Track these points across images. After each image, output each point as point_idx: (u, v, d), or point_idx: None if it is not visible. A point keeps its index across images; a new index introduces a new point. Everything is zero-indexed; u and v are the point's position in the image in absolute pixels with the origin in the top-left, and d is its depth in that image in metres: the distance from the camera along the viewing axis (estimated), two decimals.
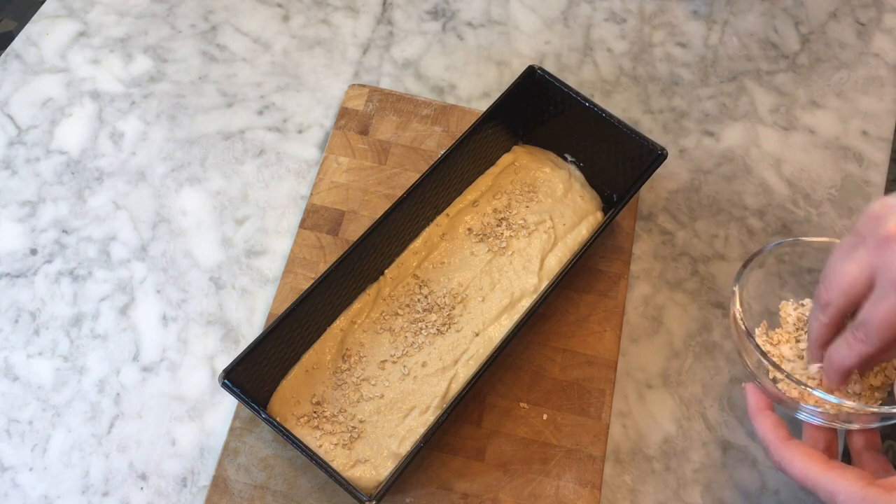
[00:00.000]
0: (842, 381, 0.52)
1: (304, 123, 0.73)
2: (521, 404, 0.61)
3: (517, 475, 0.58)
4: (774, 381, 0.53)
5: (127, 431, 0.60)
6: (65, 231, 0.68)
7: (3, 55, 0.76)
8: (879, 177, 0.72)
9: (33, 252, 0.67)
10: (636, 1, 0.81)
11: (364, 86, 0.74)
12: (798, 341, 0.57)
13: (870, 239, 0.48)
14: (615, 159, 0.65)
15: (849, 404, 0.51)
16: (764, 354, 0.53)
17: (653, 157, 0.63)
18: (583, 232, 0.65)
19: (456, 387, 0.59)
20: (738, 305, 0.55)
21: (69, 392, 0.61)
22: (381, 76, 0.76)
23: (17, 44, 0.77)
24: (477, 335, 0.61)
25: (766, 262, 0.58)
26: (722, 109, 0.75)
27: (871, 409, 0.51)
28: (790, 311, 0.59)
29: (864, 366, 0.51)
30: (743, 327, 0.55)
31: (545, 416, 0.60)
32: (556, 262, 0.64)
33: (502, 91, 0.66)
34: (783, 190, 0.72)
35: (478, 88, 0.76)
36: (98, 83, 0.75)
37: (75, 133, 0.72)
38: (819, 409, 0.52)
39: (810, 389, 0.51)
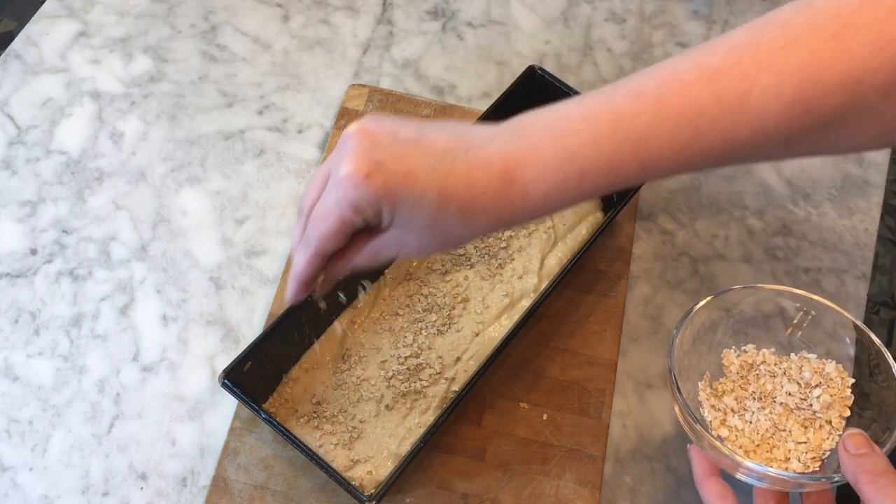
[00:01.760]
0: (300, 293, 0.47)
1: (304, 123, 0.73)
2: (521, 404, 0.61)
3: (517, 475, 0.58)
4: (711, 446, 0.51)
5: (127, 431, 0.60)
6: (65, 231, 0.68)
7: (3, 55, 0.76)
8: (879, 177, 0.72)
9: (33, 252, 0.67)
10: (636, 1, 0.81)
11: (364, 86, 0.74)
12: (743, 388, 0.57)
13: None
14: None
15: (775, 473, 0.49)
16: (696, 420, 0.51)
17: None
18: (583, 232, 0.65)
19: (456, 387, 0.59)
20: (672, 363, 0.53)
21: (69, 392, 0.61)
22: (381, 76, 0.76)
23: (17, 44, 0.77)
24: (477, 335, 0.61)
25: (704, 315, 0.56)
26: None
27: (789, 477, 0.49)
28: (733, 359, 0.58)
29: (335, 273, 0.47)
30: (674, 385, 0.52)
31: (545, 416, 0.60)
32: (556, 262, 0.64)
33: (502, 91, 0.66)
34: (783, 190, 0.72)
35: (478, 88, 0.76)
36: (98, 83, 0.75)
37: (75, 133, 0.72)
38: (757, 474, 0.50)
39: (740, 459, 0.50)
